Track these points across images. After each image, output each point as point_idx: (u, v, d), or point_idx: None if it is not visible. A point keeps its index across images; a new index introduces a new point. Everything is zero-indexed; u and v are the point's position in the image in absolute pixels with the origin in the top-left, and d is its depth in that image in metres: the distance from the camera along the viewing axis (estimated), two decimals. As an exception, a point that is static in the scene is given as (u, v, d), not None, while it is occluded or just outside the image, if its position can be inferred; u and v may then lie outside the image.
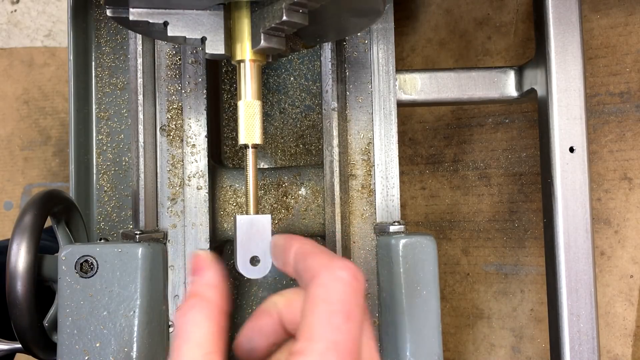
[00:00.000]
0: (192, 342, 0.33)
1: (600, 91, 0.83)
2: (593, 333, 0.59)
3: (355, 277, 0.33)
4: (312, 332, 0.31)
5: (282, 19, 0.39)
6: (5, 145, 1.27)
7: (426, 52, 0.92)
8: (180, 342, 0.33)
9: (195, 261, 0.37)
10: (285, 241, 0.38)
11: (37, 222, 0.55)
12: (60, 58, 1.28)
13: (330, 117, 0.57)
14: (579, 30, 0.60)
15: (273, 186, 0.64)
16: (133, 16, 0.43)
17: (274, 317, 0.37)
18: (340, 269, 0.33)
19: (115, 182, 0.79)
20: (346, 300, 0.32)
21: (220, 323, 0.34)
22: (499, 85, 0.66)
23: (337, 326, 0.31)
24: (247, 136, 0.43)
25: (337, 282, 0.32)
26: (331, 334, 0.31)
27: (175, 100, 0.58)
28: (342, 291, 0.32)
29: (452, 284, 0.91)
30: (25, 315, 0.53)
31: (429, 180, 0.92)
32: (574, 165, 0.60)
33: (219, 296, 0.35)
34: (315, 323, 0.31)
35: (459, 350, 0.90)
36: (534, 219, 0.86)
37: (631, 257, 0.81)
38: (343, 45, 0.59)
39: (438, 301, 0.53)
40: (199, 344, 0.33)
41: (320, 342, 0.30)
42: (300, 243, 0.37)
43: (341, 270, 0.32)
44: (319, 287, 0.32)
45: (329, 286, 0.32)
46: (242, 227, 0.41)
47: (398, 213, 0.58)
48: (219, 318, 0.34)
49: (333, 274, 0.32)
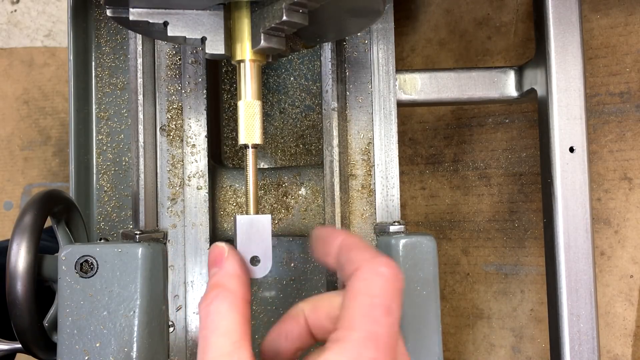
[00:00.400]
0: (219, 332, 0.33)
1: (600, 91, 0.83)
2: (593, 333, 0.59)
3: (396, 275, 0.33)
4: (352, 322, 0.32)
5: (282, 19, 0.39)
6: (5, 145, 1.27)
7: (426, 52, 0.92)
8: (207, 332, 0.34)
9: (214, 253, 0.38)
10: (329, 233, 0.39)
11: (37, 222, 0.55)
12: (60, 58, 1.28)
13: (330, 117, 0.57)
14: (579, 30, 0.60)
15: (273, 186, 0.64)
16: (133, 16, 0.43)
17: (301, 322, 0.38)
18: (383, 265, 0.33)
19: (115, 182, 0.79)
20: (386, 295, 0.32)
21: (245, 312, 0.35)
22: (499, 85, 0.66)
23: (377, 319, 0.32)
24: (247, 136, 0.43)
25: (378, 277, 0.33)
26: (371, 325, 0.31)
27: (175, 100, 0.58)
28: (383, 286, 0.33)
29: (452, 284, 0.91)
30: (25, 315, 0.53)
31: (429, 180, 0.92)
32: (574, 165, 0.60)
33: (241, 286, 0.36)
34: (355, 314, 0.32)
35: (459, 350, 0.90)
36: (534, 219, 0.86)
37: (631, 257, 0.81)
38: (343, 45, 0.59)
39: (438, 301, 0.53)
40: (226, 333, 0.33)
41: (360, 331, 0.31)
42: (345, 235, 0.37)
43: (383, 266, 0.33)
44: (360, 281, 0.33)
45: (371, 280, 0.33)
46: (242, 227, 0.41)
47: (398, 213, 0.58)
48: (243, 307, 0.35)
49: (375, 269, 0.33)
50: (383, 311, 0.32)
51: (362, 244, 0.36)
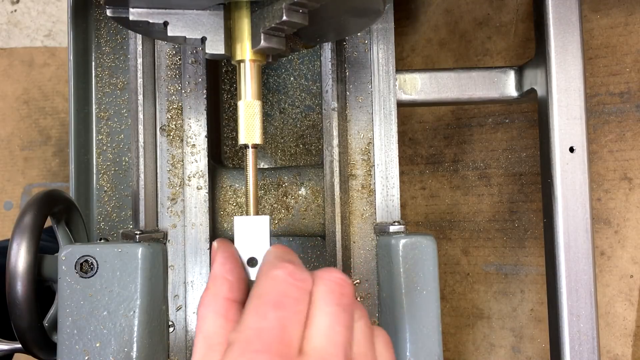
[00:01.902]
0: (202, 335, 0.34)
1: (600, 91, 0.83)
2: (593, 333, 0.59)
3: (293, 274, 0.33)
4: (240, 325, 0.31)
5: (282, 19, 0.39)
6: (5, 145, 1.27)
7: (426, 52, 0.92)
8: (195, 337, 0.35)
9: (212, 253, 0.39)
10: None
11: (37, 222, 0.55)
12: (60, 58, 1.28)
13: (330, 117, 0.57)
14: (579, 30, 0.60)
15: (273, 186, 0.64)
16: (133, 16, 0.43)
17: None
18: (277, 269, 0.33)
19: (115, 182, 0.79)
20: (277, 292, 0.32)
21: (229, 313, 0.34)
22: (499, 85, 0.66)
23: (263, 314, 0.31)
24: (247, 136, 0.43)
25: (269, 279, 0.33)
26: (257, 322, 0.31)
27: (175, 100, 0.58)
28: (273, 285, 0.32)
29: (452, 284, 0.90)
30: (25, 315, 0.53)
31: (429, 180, 0.92)
32: (574, 165, 0.60)
33: (225, 286, 0.36)
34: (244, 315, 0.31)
35: (459, 350, 0.90)
36: (534, 219, 0.86)
37: (631, 257, 0.81)
38: (343, 45, 0.59)
39: (438, 301, 0.53)
40: (205, 338, 0.34)
41: (246, 330, 0.30)
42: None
43: (277, 269, 0.33)
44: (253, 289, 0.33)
45: (261, 283, 0.33)
46: (240, 228, 0.41)
47: (398, 213, 0.58)
48: (227, 309, 0.34)
49: (268, 274, 0.33)
50: (271, 306, 0.31)
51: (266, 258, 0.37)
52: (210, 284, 0.36)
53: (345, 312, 0.33)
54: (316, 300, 0.33)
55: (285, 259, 0.35)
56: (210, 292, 0.35)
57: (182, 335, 0.56)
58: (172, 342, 0.55)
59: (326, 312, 0.32)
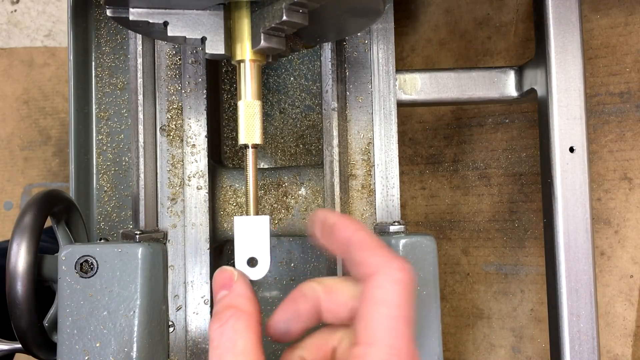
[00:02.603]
0: (237, 350, 0.33)
1: (600, 91, 0.83)
2: (593, 333, 0.59)
3: (411, 278, 0.33)
4: (373, 337, 0.31)
5: (282, 19, 0.39)
6: (5, 145, 1.27)
7: (426, 52, 0.92)
8: (222, 351, 0.33)
9: (222, 276, 0.37)
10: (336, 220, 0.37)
11: (37, 222, 0.55)
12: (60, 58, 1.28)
13: (330, 117, 0.57)
14: (579, 30, 0.60)
15: (273, 186, 0.64)
16: (133, 16, 0.43)
17: (312, 303, 0.37)
18: (398, 270, 0.32)
19: (115, 182, 0.79)
20: (405, 305, 0.32)
21: (259, 334, 0.34)
22: (499, 85, 0.66)
23: (398, 332, 0.31)
24: (247, 136, 0.43)
25: (396, 285, 0.32)
26: (393, 339, 0.30)
27: (175, 100, 0.58)
28: (401, 295, 0.32)
29: (452, 284, 0.90)
30: (25, 315, 0.53)
31: (429, 180, 0.92)
32: (574, 165, 0.60)
33: (254, 308, 0.35)
34: (376, 327, 0.31)
35: (459, 350, 0.90)
36: (534, 219, 0.86)
37: (631, 257, 0.81)
38: (343, 45, 0.59)
39: (438, 301, 0.53)
40: (243, 352, 0.33)
41: (382, 346, 0.30)
42: (355, 229, 0.35)
43: (399, 271, 0.32)
44: (378, 289, 0.32)
45: (389, 289, 0.32)
46: (240, 228, 0.41)
47: (398, 213, 0.58)
48: (257, 329, 0.34)
49: (392, 275, 0.32)
50: (403, 323, 0.31)
51: (375, 243, 0.34)
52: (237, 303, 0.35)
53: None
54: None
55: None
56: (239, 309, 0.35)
57: (182, 335, 0.56)
58: (172, 342, 0.55)
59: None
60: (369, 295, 0.32)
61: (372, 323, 0.31)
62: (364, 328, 0.31)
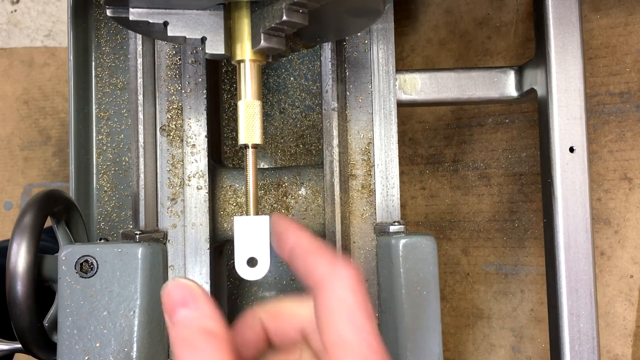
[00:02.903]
0: None
1: (600, 91, 0.83)
2: (593, 333, 0.59)
3: (359, 275, 0.32)
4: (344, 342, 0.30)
5: (282, 19, 0.39)
6: (5, 145, 1.27)
7: (426, 52, 0.92)
8: None
9: (181, 290, 0.33)
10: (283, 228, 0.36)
11: (37, 222, 0.55)
12: (60, 58, 1.28)
13: (330, 117, 0.57)
14: (579, 30, 0.60)
15: (273, 186, 0.64)
16: (133, 16, 0.43)
17: (257, 331, 0.36)
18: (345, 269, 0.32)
19: (115, 182, 0.79)
20: (363, 302, 0.31)
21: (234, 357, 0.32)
22: (499, 85, 0.66)
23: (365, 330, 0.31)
24: (247, 136, 0.43)
25: (346, 289, 0.32)
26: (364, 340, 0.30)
27: (175, 100, 0.58)
28: (356, 292, 0.32)
29: (452, 284, 0.90)
30: (25, 315, 0.53)
31: (429, 180, 0.92)
32: (574, 165, 0.60)
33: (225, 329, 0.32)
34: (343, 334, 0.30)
35: (459, 350, 0.90)
36: (534, 219, 0.86)
37: (631, 257, 0.81)
38: (343, 45, 0.59)
39: (438, 301, 0.53)
40: None
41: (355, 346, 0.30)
42: (297, 236, 0.35)
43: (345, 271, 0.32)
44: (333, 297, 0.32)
45: (342, 293, 0.32)
46: (240, 228, 0.41)
47: (398, 213, 0.58)
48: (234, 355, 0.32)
49: (341, 280, 0.32)
50: (366, 319, 0.31)
51: (316, 247, 0.33)
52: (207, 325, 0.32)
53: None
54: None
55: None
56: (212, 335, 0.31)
57: (182, 335, 0.56)
58: None
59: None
60: (326, 305, 0.32)
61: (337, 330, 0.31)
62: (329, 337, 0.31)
